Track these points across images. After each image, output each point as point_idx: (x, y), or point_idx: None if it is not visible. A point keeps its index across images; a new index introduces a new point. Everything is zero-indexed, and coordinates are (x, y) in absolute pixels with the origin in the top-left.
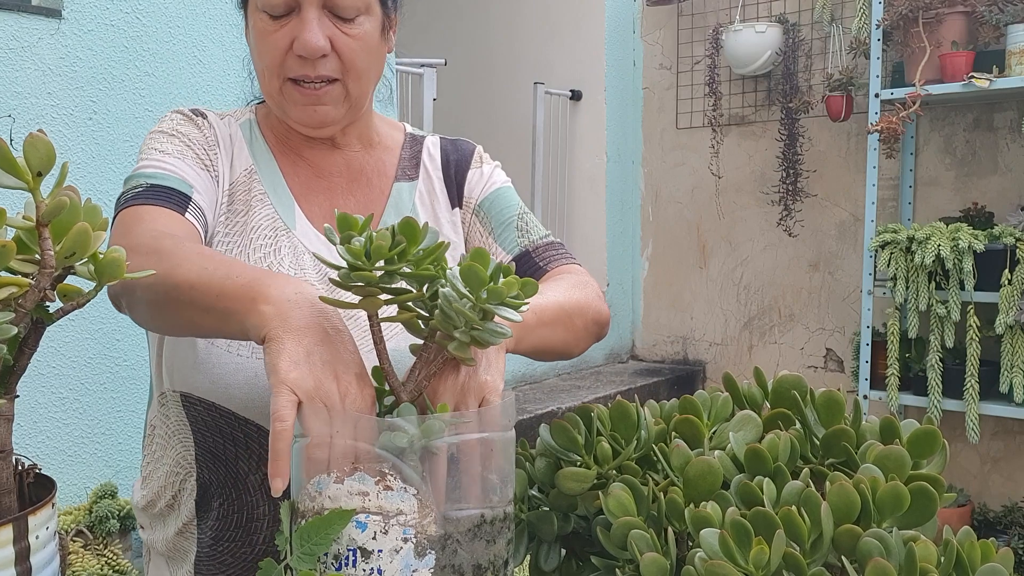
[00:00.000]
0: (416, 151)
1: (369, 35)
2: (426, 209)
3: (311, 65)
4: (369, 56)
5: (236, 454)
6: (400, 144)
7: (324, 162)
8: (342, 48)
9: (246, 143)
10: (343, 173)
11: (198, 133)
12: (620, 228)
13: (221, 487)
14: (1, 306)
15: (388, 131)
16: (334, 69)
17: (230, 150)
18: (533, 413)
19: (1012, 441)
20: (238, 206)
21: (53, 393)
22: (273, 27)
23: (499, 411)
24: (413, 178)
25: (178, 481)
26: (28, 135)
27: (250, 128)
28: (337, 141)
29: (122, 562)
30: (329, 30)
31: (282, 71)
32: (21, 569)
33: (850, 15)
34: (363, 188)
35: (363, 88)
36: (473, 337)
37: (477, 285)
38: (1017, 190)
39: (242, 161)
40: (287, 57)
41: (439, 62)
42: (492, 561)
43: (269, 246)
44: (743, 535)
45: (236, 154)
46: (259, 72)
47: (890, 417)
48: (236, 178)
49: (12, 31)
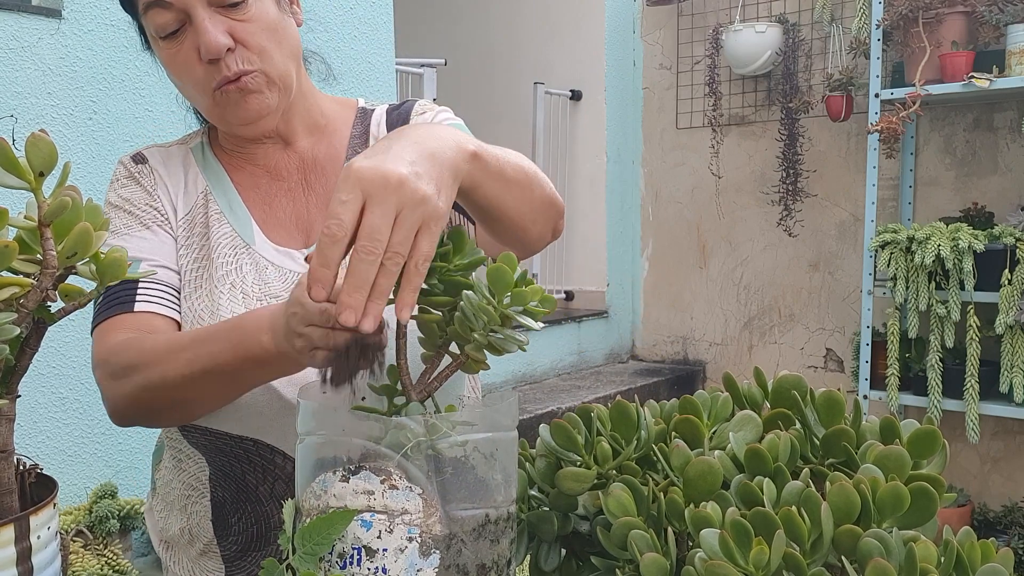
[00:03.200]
0: (366, 125)
1: (264, 14)
2: None
3: (224, 65)
4: (272, 34)
5: (242, 469)
6: (350, 123)
7: (278, 164)
8: (241, 36)
9: (199, 166)
10: (298, 170)
11: (138, 190)
12: (620, 228)
13: (235, 503)
14: (3, 306)
15: (337, 110)
16: (245, 59)
17: (179, 180)
18: (533, 413)
19: (1012, 441)
20: (198, 229)
21: (54, 393)
22: (174, 47)
23: (503, 411)
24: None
25: (192, 504)
26: (30, 135)
27: (202, 150)
28: (283, 134)
29: (122, 562)
30: (224, 24)
31: (205, 84)
32: (23, 569)
33: (850, 15)
34: (319, 180)
35: (281, 68)
36: (490, 342)
37: (502, 288)
38: (1017, 190)
39: (197, 185)
40: (201, 69)
41: (439, 62)
42: (496, 561)
43: (231, 264)
44: (743, 535)
45: (189, 181)
46: (189, 97)
47: (890, 417)
48: (193, 203)
49: (12, 31)
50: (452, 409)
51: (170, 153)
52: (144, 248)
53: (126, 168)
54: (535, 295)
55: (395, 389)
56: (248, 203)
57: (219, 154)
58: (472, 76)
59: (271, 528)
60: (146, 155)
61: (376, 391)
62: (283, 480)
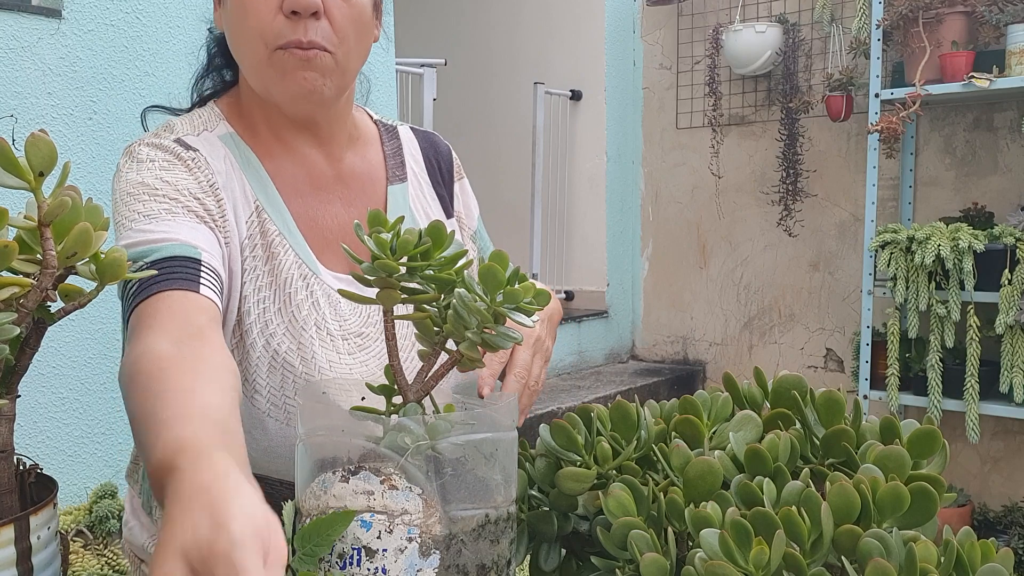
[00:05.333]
0: (396, 146)
1: (362, 5)
2: (420, 216)
3: (303, 27)
4: (360, 29)
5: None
6: (377, 137)
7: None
8: (334, 11)
9: (238, 163)
10: (337, 183)
11: (188, 178)
12: (620, 228)
13: None
14: (3, 306)
15: (361, 119)
16: (326, 37)
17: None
18: (533, 413)
19: (1012, 441)
20: (258, 251)
21: (54, 393)
22: None
23: (503, 411)
24: (403, 179)
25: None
26: (30, 135)
27: (234, 142)
28: (321, 134)
29: (122, 562)
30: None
31: (270, 37)
32: (23, 569)
33: (850, 15)
34: (359, 198)
35: (352, 66)
36: (484, 339)
37: (494, 287)
38: (1017, 190)
39: (247, 192)
40: (275, 20)
41: (439, 62)
42: (496, 561)
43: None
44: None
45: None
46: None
47: (890, 417)
48: (249, 216)
49: (12, 31)
50: (451, 409)
51: (211, 144)
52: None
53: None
54: (528, 292)
55: (393, 389)
56: (297, 220)
57: (253, 146)
58: (472, 76)
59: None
60: (195, 144)
61: (375, 391)
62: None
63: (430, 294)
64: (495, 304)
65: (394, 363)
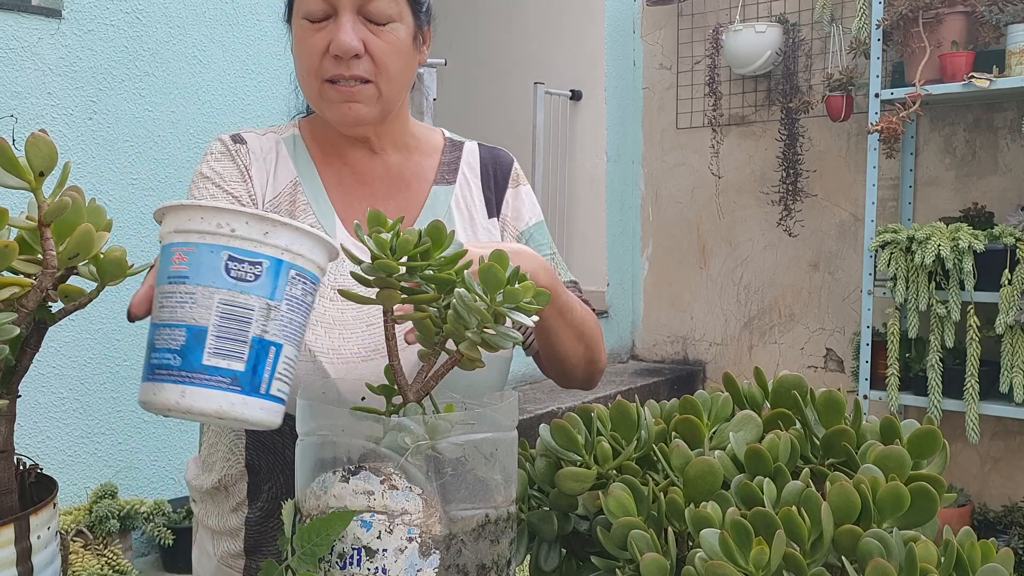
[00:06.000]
0: (456, 156)
1: (401, 41)
2: (462, 214)
3: (345, 65)
4: (400, 59)
5: (283, 443)
6: (440, 149)
7: (365, 168)
8: (374, 50)
9: (290, 156)
10: (383, 179)
11: (232, 166)
12: (620, 228)
13: (270, 472)
14: (3, 306)
15: (426, 135)
16: (367, 70)
17: (271, 165)
18: (533, 413)
19: (1012, 441)
20: (281, 211)
21: (54, 393)
22: (311, 31)
23: (503, 411)
24: (451, 182)
25: (230, 466)
26: (30, 135)
27: (294, 142)
28: (373, 145)
29: (122, 562)
30: (363, 33)
31: (320, 72)
32: (23, 569)
33: (850, 15)
34: (402, 192)
35: (394, 90)
36: (484, 339)
37: (494, 287)
38: (1017, 190)
39: (286, 174)
40: (324, 59)
41: (439, 62)
42: (496, 561)
43: None
44: (743, 535)
45: (279, 167)
46: (300, 76)
47: (890, 417)
48: (281, 190)
49: (12, 31)
50: (451, 409)
51: (265, 139)
52: None
53: (224, 145)
54: (527, 292)
55: (393, 389)
56: (332, 199)
57: (311, 148)
58: (472, 76)
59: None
60: (245, 137)
61: (375, 391)
62: None
63: (430, 294)
64: (495, 304)
65: (394, 363)
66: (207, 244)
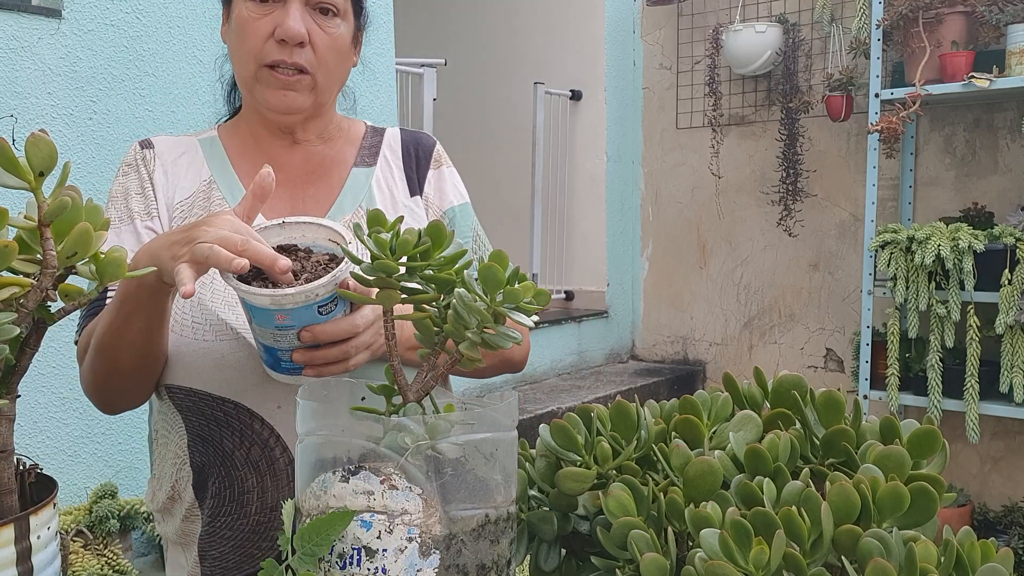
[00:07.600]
0: (377, 141)
1: (342, 37)
2: (383, 194)
3: (288, 51)
4: (339, 55)
5: (221, 433)
6: (362, 135)
7: (284, 159)
8: (317, 42)
9: (205, 158)
10: (301, 167)
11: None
12: (620, 228)
13: (213, 467)
14: (3, 306)
15: (349, 125)
16: (308, 60)
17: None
18: (533, 413)
19: (1012, 441)
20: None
21: (54, 393)
22: (258, 14)
23: (503, 411)
24: (372, 164)
25: (176, 470)
26: (30, 135)
27: (211, 144)
28: (297, 136)
29: (122, 562)
30: (308, 24)
31: (260, 56)
32: (23, 569)
33: (850, 15)
34: (321, 178)
35: (330, 84)
36: (484, 339)
37: (494, 287)
38: (1017, 190)
39: (200, 173)
40: (267, 44)
41: (439, 62)
42: (496, 561)
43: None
44: (743, 535)
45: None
46: (237, 58)
47: (890, 417)
48: (195, 190)
49: (12, 31)
50: (451, 409)
51: (178, 142)
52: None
53: (132, 154)
54: (527, 292)
55: (393, 389)
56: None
57: (228, 147)
58: (472, 76)
59: (243, 492)
60: (154, 142)
61: (374, 391)
62: (259, 446)
63: (430, 294)
64: (495, 304)
65: (394, 363)
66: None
